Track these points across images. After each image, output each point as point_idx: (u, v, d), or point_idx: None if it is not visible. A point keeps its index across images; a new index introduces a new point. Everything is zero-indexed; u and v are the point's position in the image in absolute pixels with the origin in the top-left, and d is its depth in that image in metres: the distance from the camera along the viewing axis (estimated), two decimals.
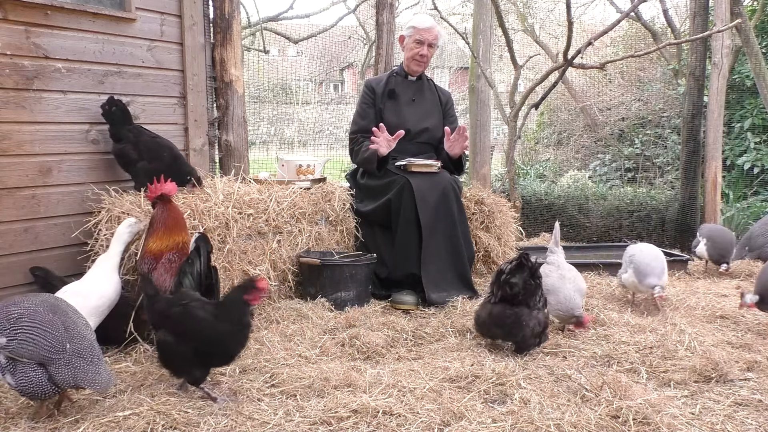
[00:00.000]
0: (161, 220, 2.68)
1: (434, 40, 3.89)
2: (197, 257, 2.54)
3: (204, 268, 2.53)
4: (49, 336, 1.97)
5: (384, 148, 3.62)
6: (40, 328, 1.97)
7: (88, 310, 2.53)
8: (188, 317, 2.23)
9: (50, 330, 1.98)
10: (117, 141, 3.09)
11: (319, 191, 3.70)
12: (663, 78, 8.79)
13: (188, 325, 2.23)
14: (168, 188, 2.71)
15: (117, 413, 2.07)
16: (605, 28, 5.19)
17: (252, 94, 10.82)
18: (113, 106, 3.07)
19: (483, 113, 6.12)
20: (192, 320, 2.22)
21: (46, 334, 1.97)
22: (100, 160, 3.19)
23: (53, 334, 1.98)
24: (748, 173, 7.06)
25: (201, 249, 2.55)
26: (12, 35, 2.83)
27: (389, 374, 2.42)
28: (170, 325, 2.25)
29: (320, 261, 3.36)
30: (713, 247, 4.24)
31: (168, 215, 2.70)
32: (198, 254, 2.54)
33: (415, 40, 3.87)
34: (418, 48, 3.88)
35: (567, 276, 3.04)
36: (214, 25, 3.90)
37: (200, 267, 2.52)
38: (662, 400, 2.17)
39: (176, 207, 2.77)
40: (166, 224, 2.68)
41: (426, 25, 3.87)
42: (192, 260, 2.53)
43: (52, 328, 1.99)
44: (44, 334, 1.96)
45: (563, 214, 6.31)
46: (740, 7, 5.44)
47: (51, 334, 1.97)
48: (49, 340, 1.96)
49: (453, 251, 3.56)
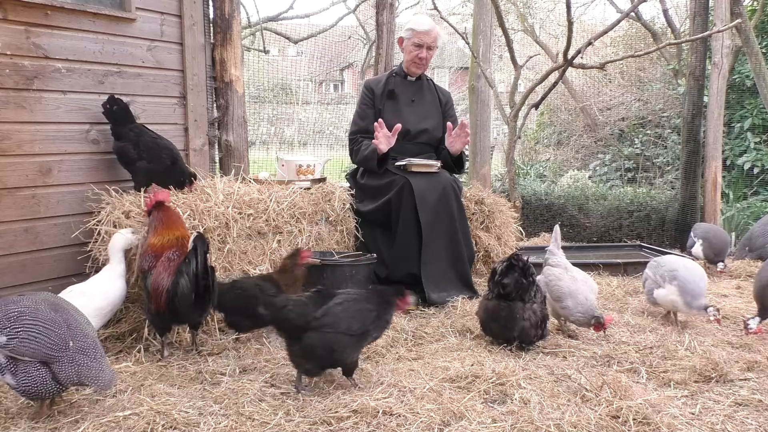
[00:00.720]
0: (159, 219, 2.71)
1: (433, 43, 3.87)
2: (194, 257, 2.52)
3: (201, 268, 2.51)
4: (51, 334, 1.96)
5: (383, 145, 3.62)
6: (42, 326, 1.96)
7: (91, 311, 2.54)
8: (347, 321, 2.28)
9: (53, 327, 1.97)
10: (118, 139, 3.10)
11: (319, 191, 3.70)
12: (663, 78, 8.80)
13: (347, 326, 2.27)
14: (163, 196, 2.76)
15: (117, 413, 2.07)
16: (605, 28, 5.19)
17: (252, 94, 10.82)
18: (114, 105, 3.07)
19: (483, 113, 6.12)
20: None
21: (49, 332, 1.96)
22: (100, 160, 3.19)
23: (56, 331, 1.97)
24: (748, 173, 7.06)
25: (198, 249, 2.54)
26: (12, 35, 2.83)
27: (389, 374, 2.42)
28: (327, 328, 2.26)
29: (320, 261, 3.36)
30: (709, 248, 4.24)
31: (164, 214, 2.72)
32: (195, 254, 2.53)
33: (414, 43, 3.86)
34: (417, 51, 3.87)
35: (579, 278, 3.02)
36: (214, 25, 3.90)
37: (196, 267, 2.50)
38: (662, 400, 2.17)
39: (172, 208, 2.80)
40: (164, 222, 2.70)
41: (424, 28, 3.85)
42: (189, 260, 2.52)
43: (55, 326, 1.98)
44: (47, 331, 1.95)
45: (563, 214, 6.31)
46: (740, 7, 5.44)
47: (54, 332, 1.96)
48: (52, 337, 1.96)
49: (453, 251, 3.56)
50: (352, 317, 2.28)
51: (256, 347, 2.73)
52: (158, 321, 2.62)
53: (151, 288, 2.58)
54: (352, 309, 2.30)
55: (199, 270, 2.50)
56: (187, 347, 2.75)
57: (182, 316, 2.60)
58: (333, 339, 2.23)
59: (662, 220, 5.88)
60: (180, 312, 2.54)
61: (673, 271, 3.06)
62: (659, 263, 3.23)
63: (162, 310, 2.55)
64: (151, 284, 2.58)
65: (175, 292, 2.51)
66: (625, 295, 3.73)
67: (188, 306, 2.52)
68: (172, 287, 2.52)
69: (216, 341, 2.83)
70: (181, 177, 3.18)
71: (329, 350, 2.23)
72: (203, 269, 2.51)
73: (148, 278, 2.60)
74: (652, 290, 3.17)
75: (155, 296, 2.55)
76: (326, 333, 2.23)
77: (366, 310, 2.32)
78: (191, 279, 2.49)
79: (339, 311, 2.28)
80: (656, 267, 3.21)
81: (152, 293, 2.57)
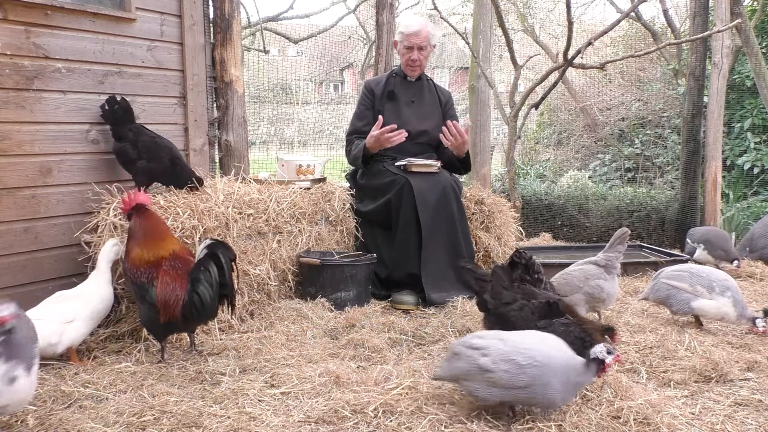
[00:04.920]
0: (143, 228, 2.58)
1: (424, 43, 3.85)
2: (212, 264, 2.49)
3: (228, 278, 2.50)
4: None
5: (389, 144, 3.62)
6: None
7: (87, 313, 2.56)
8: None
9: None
10: (118, 140, 3.09)
11: (319, 191, 3.70)
12: (663, 78, 8.80)
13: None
14: (143, 199, 2.63)
15: (117, 413, 2.07)
16: (605, 28, 5.20)
17: (252, 94, 10.82)
18: (115, 105, 3.06)
19: (483, 113, 6.12)
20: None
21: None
22: (100, 160, 3.18)
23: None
24: (748, 173, 7.06)
25: (222, 257, 2.50)
26: (12, 35, 2.83)
27: (389, 374, 2.42)
28: None
29: (320, 261, 3.36)
30: (713, 249, 4.21)
31: (149, 223, 2.61)
32: (214, 261, 2.49)
33: (405, 46, 3.88)
34: (409, 53, 3.87)
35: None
36: (214, 25, 3.90)
37: (220, 276, 2.48)
38: (662, 400, 2.17)
39: (155, 215, 2.68)
40: (151, 233, 2.58)
41: (412, 30, 3.82)
42: (206, 268, 2.48)
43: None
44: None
45: (563, 214, 6.31)
46: (740, 7, 5.44)
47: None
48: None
49: (453, 251, 3.56)
50: (571, 343, 2.21)
51: (257, 347, 2.73)
52: (163, 330, 2.58)
53: (159, 300, 2.49)
54: (572, 335, 2.24)
55: (227, 279, 2.50)
56: (186, 347, 2.74)
57: (199, 323, 2.61)
58: None
59: (662, 220, 5.88)
60: (198, 320, 2.55)
61: (725, 281, 2.99)
62: (695, 273, 3.07)
63: (175, 320, 2.50)
64: (158, 296, 2.49)
65: (193, 302, 2.46)
66: (624, 295, 3.73)
67: (212, 314, 2.53)
68: (188, 297, 2.47)
69: (216, 341, 2.83)
70: (187, 177, 3.15)
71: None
72: (230, 279, 2.51)
73: (150, 291, 2.51)
74: (688, 301, 3.03)
75: (165, 308, 2.48)
76: None
77: (587, 341, 2.23)
78: (214, 288, 2.47)
79: (562, 331, 2.24)
80: (694, 277, 3.05)
81: (161, 305, 2.48)
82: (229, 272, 2.53)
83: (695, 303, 3.01)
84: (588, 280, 2.99)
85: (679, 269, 3.15)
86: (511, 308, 2.32)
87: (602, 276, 3.00)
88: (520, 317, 2.29)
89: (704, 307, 3.00)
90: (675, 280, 3.08)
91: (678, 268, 3.16)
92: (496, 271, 2.52)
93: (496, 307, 2.36)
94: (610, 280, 3.01)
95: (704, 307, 3.00)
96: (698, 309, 3.02)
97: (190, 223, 2.92)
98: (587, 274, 3.02)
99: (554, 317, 2.30)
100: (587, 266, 3.07)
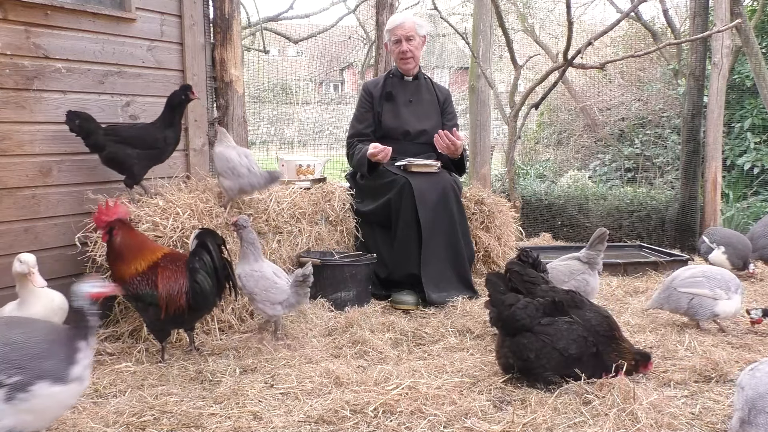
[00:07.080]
0: (128, 245, 2.54)
1: (410, 32, 3.86)
2: (205, 253, 2.56)
3: (219, 263, 2.58)
4: None
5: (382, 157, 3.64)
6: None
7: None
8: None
9: None
10: (100, 150, 2.96)
11: (319, 191, 3.70)
12: (663, 78, 8.80)
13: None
14: (122, 211, 2.57)
15: (117, 413, 2.07)
16: (605, 28, 5.19)
17: (252, 94, 10.83)
18: (76, 119, 2.90)
19: (483, 113, 6.12)
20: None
21: None
22: (100, 160, 3.18)
23: None
24: (748, 173, 7.06)
25: (209, 244, 2.57)
26: (12, 35, 2.83)
27: (389, 374, 2.42)
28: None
29: (320, 261, 3.36)
30: (734, 254, 4.11)
31: (131, 239, 2.56)
32: (206, 250, 2.56)
33: (393, 41, 3.92)
34: (398, 46, 3.89)
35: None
36: (214, 25, 3.90)
37: (214, 262, 2.56)
38: (662, 400, 2.17)
39: (133, 228, 2.65)
40: (133, 249, 2.55)
41: (395, 24, 3.90)
42: (200, 257, 2.55)
43: None
44: None
45: (563, 214, 6.31)
46: (740, 7, 5.44)
47: None
48: None
49: (453, 251, 3.56)
50: (574, 340, 2.27)
51: (257, 347, 2.73)
52: (169, 325, 2.63)
53: (165, 296, 2.50)
54: (576, 333, 2.27)
55: (217, 264, 2.57)
56: (186, 347, 2.74)
57: (204, 311, 2.66)
58: (546, 349, 2.26)
59: (662, 220, 5.88)
60: (204, 307, 2.60)
61: (735, 279, 3.00)
62: (710, 276, 3.00)
63: (181, 310, 2.53)
64: (162, 294, 2.50)
65: (195, 291, 2.53)
66: (625, 295, 3.73)
67: (213, 300, 2.60)
68: (190, 284, 2.53)
69: (216, 341, 2.83)
70: (182, 94, 3.10)
71: (537, 357, 2.26)
72: (221, 263, 2.59)
73: (154, 294, 2.50)
74: (711, 306, 2.96)
75: (171, 302, 2.50)
76: (543, 341, 2.26)
77: (591, 344, 2.27)
78: (211, 275, 2.55)
79: (565, 328, 2.28)
80: (710, 281, 2.98)
81: (167, 300, 2.50)
82: (219, 256, 2.60)
83: (718, 307, 2.96)
84: (573, 275, 3.09)
85: (693, 275, 3.04)
86: (515, 308, 2.33)
87: (587, 271, 3.10)
88: (525, 315, 2.31)
89: (726, 308, 2.96)
90: (695, 287, 2.99)
91: (692, 274, 3.05)
92: (491, 279, 2.55)
93: (501, 312, 2.37)
94: (593, 275, 3.12)
95: (726, 308, 2.96)
96: (722, 312, 2.96)
97: (190, 223, 2.92)
98: (572, 269, 3.12)
99: (558, 316, 2.32)
100: (571, 262, 3.17)
